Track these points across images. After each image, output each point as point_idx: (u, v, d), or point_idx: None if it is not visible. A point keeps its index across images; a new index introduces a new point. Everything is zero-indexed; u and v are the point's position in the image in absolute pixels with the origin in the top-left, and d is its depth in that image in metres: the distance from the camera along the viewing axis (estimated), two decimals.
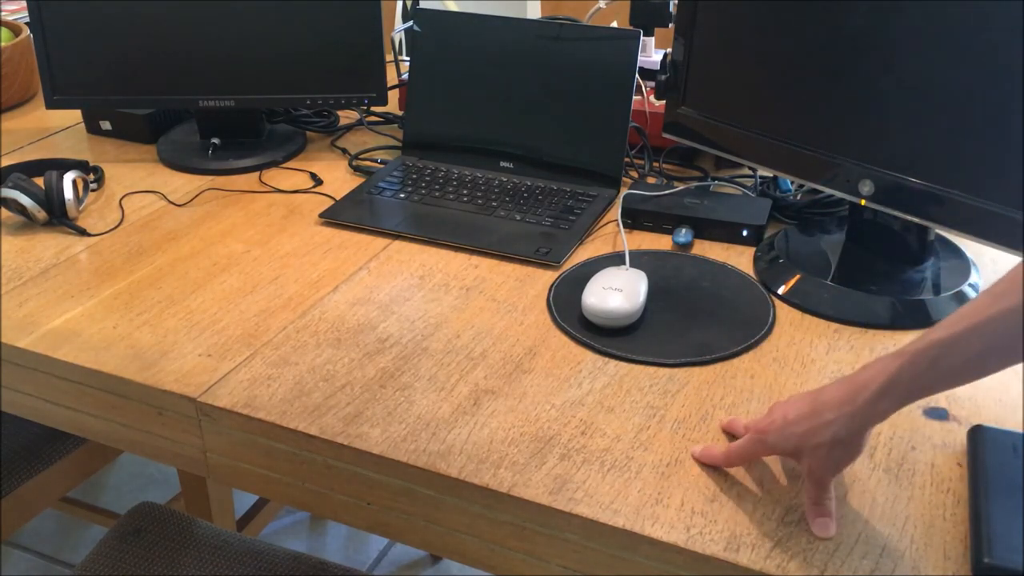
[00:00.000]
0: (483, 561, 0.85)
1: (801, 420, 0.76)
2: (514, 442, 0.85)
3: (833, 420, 0.74)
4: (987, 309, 0.68)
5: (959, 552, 0.74)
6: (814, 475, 0.76)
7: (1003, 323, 0.67)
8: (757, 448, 0.79)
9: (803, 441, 0.75)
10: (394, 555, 1.96)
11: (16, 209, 1.21)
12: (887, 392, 0.72)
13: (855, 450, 0.75)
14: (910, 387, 0.72)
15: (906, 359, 0.71)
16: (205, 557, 1.20)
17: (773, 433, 0.78)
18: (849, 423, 0.73)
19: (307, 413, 0.89)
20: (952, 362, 0.70)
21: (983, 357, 0.69)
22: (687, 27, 1.17)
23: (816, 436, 0.74)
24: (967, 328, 0.69)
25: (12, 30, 1.67)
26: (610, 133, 1.28)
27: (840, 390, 0.74)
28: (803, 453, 0.76)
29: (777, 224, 1.21)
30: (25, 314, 1.05)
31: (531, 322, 1.03)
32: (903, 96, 0.99)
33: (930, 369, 0.70)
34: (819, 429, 0.74)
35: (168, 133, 1.49)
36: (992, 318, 0.68)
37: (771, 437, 0.78)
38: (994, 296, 0.68)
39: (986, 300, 0.69)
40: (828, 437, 0.74)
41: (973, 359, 0.69)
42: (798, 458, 0.77)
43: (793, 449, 0.77)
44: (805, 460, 0.76)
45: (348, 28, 1.36)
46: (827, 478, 0.76)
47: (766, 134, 1.12)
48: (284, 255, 1.16)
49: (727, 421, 0.87)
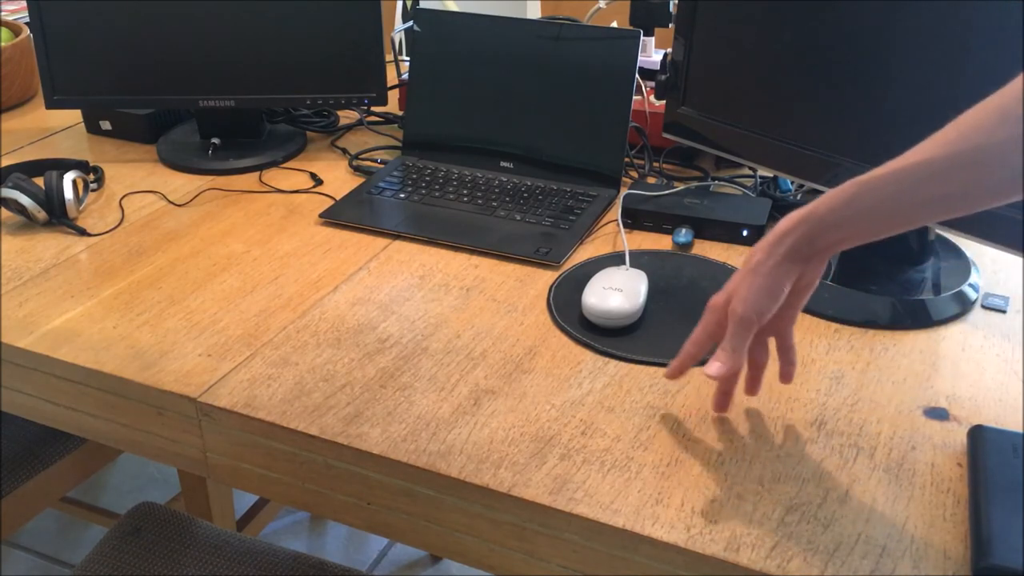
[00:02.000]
0: (483, 561, 0.85)
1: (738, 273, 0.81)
2: (514, 442, 0.85)
3: (756, 250, 0.79)
4: (908, 159, 0.71)
5: (959, 552, 0.74)
6: (733, 310, 0.79)
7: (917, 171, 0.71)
8: (706, 318, 0.83)
9: (733, 283, 0.80)
10: (394, 555, 1.96)
11: (16, 209, 1.21)
12: (805, 220, 0.76)
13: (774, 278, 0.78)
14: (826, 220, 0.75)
15: (825, 196, 0.75)
16: (205, 557, 1.20)
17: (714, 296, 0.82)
18: (770, 249, 0.78)
19: (307, 413, 0.89)
20: (866, 202, 0.73)
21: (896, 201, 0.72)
22: (687, 27, 1.17)
23: (742, 272, 0.80)
24: (886, 171, 0.72)
25: (12, 30, 1.67)
26: (610, 133, 1.28)
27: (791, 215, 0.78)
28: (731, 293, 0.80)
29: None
30: (25, 314, 1.05)
31: (531, 322, 1.03)
32: (903, 96, 0.99)
33: (845, 205, 0.74)
34: (744, 265, 0.80)
35: (168, 133, 1.49)
36: (910, 165, 0.71)
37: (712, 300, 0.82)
38: (915, 150, 0.71)
39: (909, 153, 0.72)
40: (751, 264, 0.79)
41: (887, 201, 0.72)
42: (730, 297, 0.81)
43: (725, 296, 0.81)
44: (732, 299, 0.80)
45: (348, 28, 1.36)
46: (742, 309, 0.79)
47: (766, 134, 1.12)
48: (284, 255, 1.16)
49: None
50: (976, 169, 0.68)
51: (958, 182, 0.69)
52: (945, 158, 0.69)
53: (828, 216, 0.75)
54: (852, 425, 0.87)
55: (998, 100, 0.69)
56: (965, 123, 0.70)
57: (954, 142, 0.69)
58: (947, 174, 0.70)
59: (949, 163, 0.69)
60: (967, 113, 0.70)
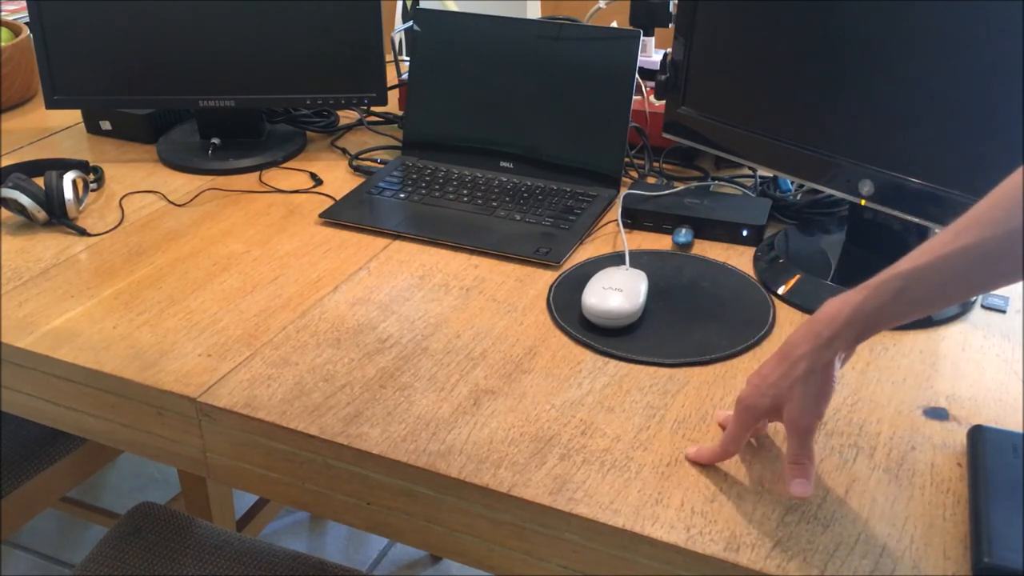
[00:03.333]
0: (483, 561, 0.85)
1: (774, 370, 0.78)
2: (514, 442, 0.85)
3: (802, 355, 0.76)
4: (950, 244, 0.70)
5: (959, 552, 0.74)
6: (793, 422, 0.77)
7: (963, 258, 0.70)
8: (743, 418, 0.80)
9: (778, 388, 0.77)
10: (394, 555, 1.96)
11: (16, 209, 1.21)
12: (852, 322, 0.74)
13: (827, 383, 0.76)
14: (874, 316, 0.74)
15: (871, 291, 0.73)
16: (205, 557, 1.20)
17: (752, 395, 0.79)
18: (819, 354, 0.75)
19: (307, 413, 0.89)
20: (914, 294, 0.72)
21: (943, 290, 0.71)
22: (687, 27, 1.17)
23: (788, 377, 0.76)
24: (928, 262, 0.71)
25: (12, 30, 1.67)
26: (610, 133, 1.28)
27: (806, 328, 0.77)
28: (781, 400, 0.77)
29: (777, 224, 1.21)
30: (25, 314, 1.05)
31: (531, 322, 1.03)
32: (903, 96, 0.99)
33: (893, 300, 0.73)
34: (790, 369, 0.76)
35: (168, 133, 1.49)
36: (954, 252, 0.70)
37: (751, 400, 0.79)
38: (956, 232, 0.70)
39: (948, 236, 0.71)
40: (800, 372, 0.76)
41: (932, 292, 0.72)
42: (779, 411, 0.78)
43: (771, 401, 0.78)
44: (785, 409, 0.77)
45: (348, 28, 1.36)
46: (805, 422, 0.77)
47: (766, 134, 1.12)
48: (284, 255, 1.16)
49: (723, 415, 0.88)
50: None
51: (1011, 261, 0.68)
52: (995, 239, 0.68)
53: (876, 313, 0.73)
54: (852, 425, 0.87)
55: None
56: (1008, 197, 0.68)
57: (1002, 220, 0.68)
58: (998, 255, 0.68)
59: (999, 245, 0.68)
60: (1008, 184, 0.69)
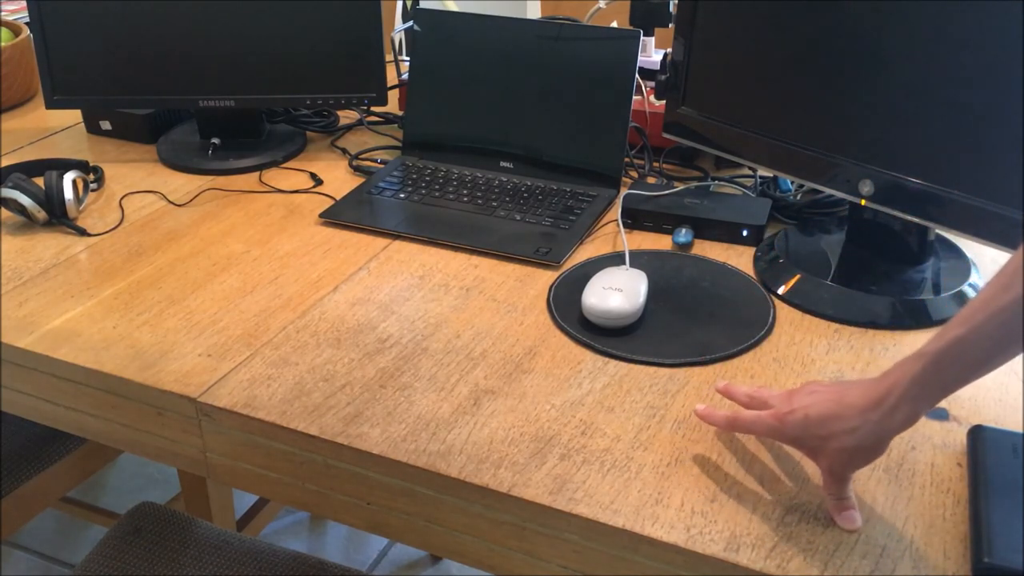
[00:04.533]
0: (483, 561, 0.85)
1: (823, 423, 0.75)
2: (514, 442, 0.85)
3: (858, 427, 0.73)
4: (1000, 297, 0.68)
5: (959, 552, 0.74)
6: (835, 473, 0.76)
7: (1018, 309, 0.67)
8: (771, 434, 0.79)
9: (825, 443, 0.75)
10: (394, 555, 1.96)
11: (16, 209, 1.21)
12: (911, 395, 0.71)
13: (878, 453, 0.75)
14: (935, 387, 0.71)
15: (929, 360, 0.70)
16: (205, 557, 1.20)
17: (792, 427, 0.77)
18: (875, 429, 0.72)
19: (307, 413, 0.89)
20: (975, 355, 0.70)
21: (1004, 345, 0.69)
22: (687, 27, 1.17)
23: (839, 441, 0.74)
24: (985, 319, 0.69)
25: (12, 30, 1.67)
26: (610, 133, 1.28)
27: (865, 394, 0.73)
28: (822, 453, 0.76)
29: (777, 224, 1.21)
30: (25, 314, 1.05)
31: (531, 322, 1.03)
32: (903, 96, 0.99)
33: (953, 367, 0.70)
34: (842, 435, 0.73)
35: (168, 133, 1.49)
36: (1005, 308, 0.68)
37: (789, 431, 0.77)
38: (1001, 287, 0.69)
39: (994, 291, 0.69)
40: (852, 443, 0.73)
41: (994, 349, 0.69)
42: (815, 456, 0.77)
43: (811, 449, 0.77)
44: (824, 459, 0.76)
45: (348, 28, 1.36)
46: (847, 475, 0.76)
47: (766, 134, 1.12)
48: (284, 255, 1.16)
49: (724, 385, 0.87)
50: None
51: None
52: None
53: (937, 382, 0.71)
54: None
55: None
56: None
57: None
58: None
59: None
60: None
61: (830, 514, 0.77)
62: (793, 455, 0.84)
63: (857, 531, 0.76)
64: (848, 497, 0.77)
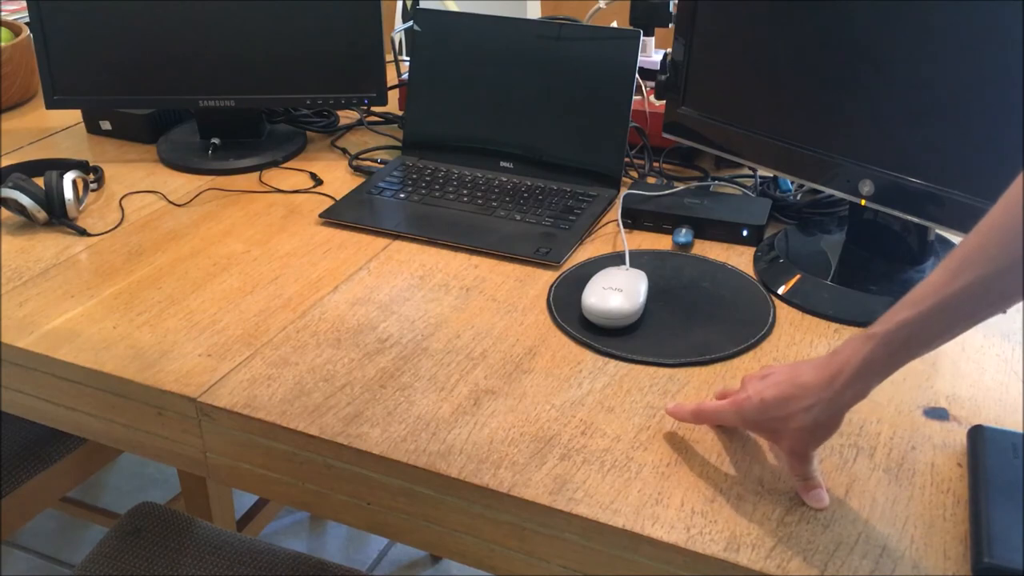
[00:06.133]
0: (483, 561, 0.85)
1: (779, 405, 0.78)
2: (514, 442, 0.85)
3: (812, 405, 0.76)
4: (949, 285, 0.71)
5: (959, 552, 0.74)
6: (796, 452, 0.79)
7: (966, 297, 0.70)
8: (730, 419, 0.82)
9: (782, 424, 0.78)
10: (394, 555, 1.96)
11: (16, 209, 1.21)
12: (862, 374, 0.75)
13: (833, 429, 0.78)
14: (884, 366, 0.74)
15: (878, 341, 0.74)
16: (205, 557, 1.20)
17: (749, 411, 0.80)
18: (828, 407, 0.76)
19: (307, 413, 0.89)
20: (922, 338, 0.73)
21: (950, 329, 0.72)
22: (687, 27, 1.17)
23: (795, 420, 0.77)
24: (933, 306, 0.71)
25: (12, 30, 1.67)
26: (610, 133, 1.28)
27: (817, 374, 0.76)
28: (781, 435, 0.79)
29: (777, 224, 1.21)
30: (25, 314, 1.05)
31: (531, 322, 1.03)
32: (903, 96, 0.99)
33: (902, 348, 0.73)
34: (798, 414, 0.77)
35: (168, 133, 1.49)
36: (955, 294, 0.70)
37: (747, 415, 0.80)
38: (952, 272, 0.71)
39: (945, 276, 0.71)
40: (808, 421, 0.76)
41: (941, 332, 0.73)
42: (774, 438, 0.80)
43: (770, 431, 0.80)
44: (784, 441, 0.79)
45: (348, 28, 1.36)
46: (809, 453, 0.79)
47: (766, 134, 1.12)
48: (284, 255, 1.16)
49: (720, 396, 0.88)
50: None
51: (1011, 293, 0.69)
52: (996, 275, 0.69)
53: (885, 363, 0.74)
54: (852, 425, 0.87)
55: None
56: (1000, 230, 0.69)
57: (996, 257, 0.68)
58: (998, 290, 0.69)
59: (999, 279, 0.69)
60: (997, 217, 0.69)
61: (799, 495, 0.79)
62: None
63: (825, 509, 0.78)
64: (814, 477, 0.79)
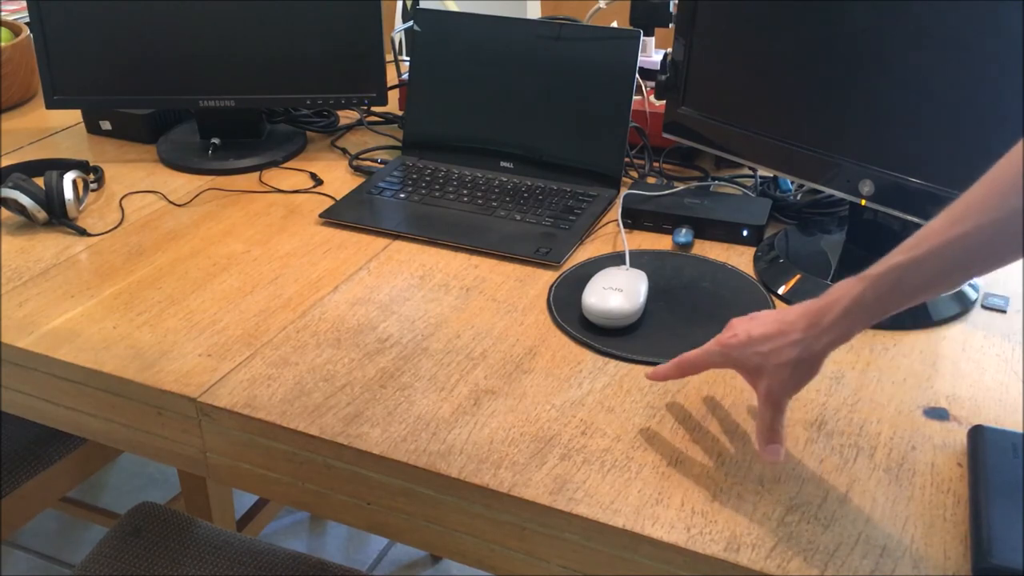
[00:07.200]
0: (483, 561, 0.85)
1: (766, 339, 0.78)
2: (514, 442, 0.85)
3: (798, 340, 0.77)
4: (945, 233, 0.71)
5: (959, 552, 0.74)
6: (772, 396, 0.79)
7: (961, 245, 0.70)
8: (715, 360, 0.82)
9: (766, 360, 0.78)
10: (394, 555, 1.96)
11: (16, 209, 1.21)
12: (851, 313, 0.75)
13: (814, 371, 0.78)
14: (873, 307, 0.75)
15: (869, 283, 0.74)
16: (205, 557, 1.20)
17: (735, 348, 0.80)
18: (814, 343, 0.76)
19: (307, 413, 0.89)
20: (912, 283, 0.73)
21: (942, 277, 0.73)
22: (687, 27, 1.17)
23: (780, 355, 0.77)
24: (927, 251, 0.72)
25: (12, 30, 1.67)
26: (610, 133, 1.28)
27: (805, 311, 0.77)
28: (764, 372, 0.79)
29: (777, 224, 1.21)
30: (25, 314, 1.05)
31: (531, 322, 1.03)
32: (903, 96, 0.99)
33: (892, 291, 0.74)
34: (783, 349, 0.77)
35: (168, 133, 1.49)
36: (950, 241, 0.70)
37: (733, 352, 0.80)
38: (951, 220, 0.71)
39: (943, 224, 0.71)
40: (793, 356, 0.77)
41: (932, 279, 0.73)
42: (756, 377, 0.80)
43: (754, 367, 0.80)
44: (764, 379, 0.79)
45: (348, 28, 1.36)
46: (784, 399, 0.79)
47: (766, 134, 1.12)
48: (284, 255, 1.16)
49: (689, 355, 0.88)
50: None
51: (1007, 245, 0.69)
52: (991, 225, 0.69)
53: (874, 305, 0.75)
54: (852, 425, 0.87)
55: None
56: (1001, 181, 0.69)
57: (996, 206, 0.68)
58: (994, 241, 0.69)
59: (994, 230, 0.69)
60: (999, 169, 0.69)
61: (756, 445, 0.80)
62: (793, 455, 0.84)
63: (778, 464, 0.79)
64: (777, 429, 0.79)
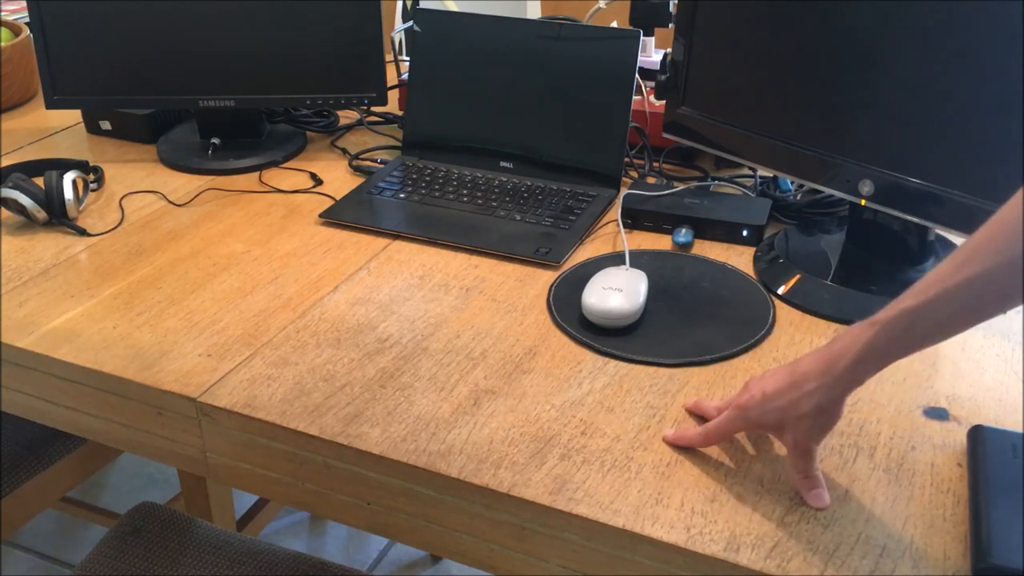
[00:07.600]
0: (483, 561, 0.85)
1: (781, 393, 0.78)
2: (514, 442, 0.85)
3: (814, 390, 0.76)
4: (954, 276, 0.71)
5: (959, 552, 0.74)
6: (799, 447, 0.78)
7: (969, 289, 0.70)
8: (737, 424, 0.82)
9: (785, 414, 0.78)
10: (394, 555, 1.96)
11: (16, 209, 1.21)
12: (863, 359, 0.74)
13: (836, 416, 0.78)
14: (885, 353, 0.74)
15: (880, 328, 0.73)
16: (205, 557, 1.20)
17: (753, 408, 0.80)
18: (829, 391, 0.76)
19: (307, 413, 0.89)
20: (923, 328, 0.72)
21: (952, 321, 0.72)
22: (687, 27, 1.17)
23: (798, 407, 0.77)
24: (936, 296, 0.71)
25: (12, 30, 1.67)
26: (610, 133, 1.28)
27: (817, 361, 0.77)
28: (786, 426, 0.78)
29: (777, 224, 1.21)
30: (25, 314, 1.05)
31: (531, 322, 1.03)
32: (903, 96, 0.99)
33: (903, 336, 0.73)
34: (800, 400, 0.77)
35: (168, 133, 1.49)
36: (959, 285, 0.70)
37: (752, 412, 0.80)
38: (958, 264, 0.71)
39: (951, 267, 0.71)
40: (811, 407, 0.76)
41: (943, 324, 0.72)
42: (780, 432, 0.80)
43: (775, 423, 0.79)
44: (788, 433, 0.78)
45: (348, 28, 1.36)
46: (812, 448, 0.78)
47: (766, 134, 1.12)
48: (284, 255, 1.16)
49: (692, 402, 0.89)
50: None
51: (1015, 289, 0.68)
52: (998, 269, 0.68)
53: (886, 350, 0.74)
54: (852, 425, 0.87)
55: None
56: (1008, 226, 0.68)
57: (1003, 251, 0.68)
58: (1003, 285, 0.69)
59: (1002, 274, 0.68)
60: (1007, 212, 0.69)
61: (800, 494, 0.79)
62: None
63: (826, 508, 0.78)
64: (816, 475, 0.79)
